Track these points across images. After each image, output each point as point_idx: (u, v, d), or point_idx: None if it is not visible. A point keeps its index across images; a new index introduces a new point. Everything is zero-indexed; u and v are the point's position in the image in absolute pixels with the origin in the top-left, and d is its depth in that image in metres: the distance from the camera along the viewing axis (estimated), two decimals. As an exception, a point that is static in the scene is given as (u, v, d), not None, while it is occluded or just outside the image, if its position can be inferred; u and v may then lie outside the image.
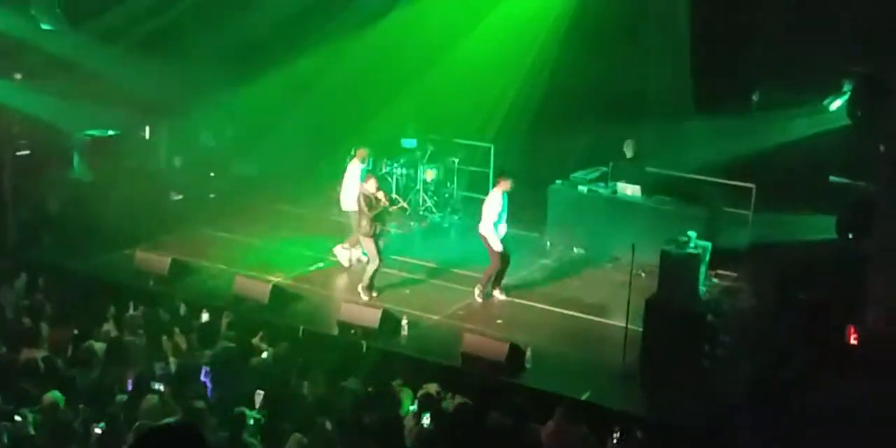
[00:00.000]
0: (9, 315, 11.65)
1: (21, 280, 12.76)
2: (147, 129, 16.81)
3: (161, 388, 9.71)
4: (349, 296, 12.85)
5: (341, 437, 9.05)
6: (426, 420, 9.50)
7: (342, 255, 13.91)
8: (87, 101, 15.24)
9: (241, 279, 12.91)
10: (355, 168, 13.80)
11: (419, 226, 15.68)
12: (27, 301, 12.07)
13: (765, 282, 12.61)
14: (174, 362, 10.55)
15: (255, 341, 11.20)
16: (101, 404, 9.24)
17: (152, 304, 12.08)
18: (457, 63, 15.84)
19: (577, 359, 11.43)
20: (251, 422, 9.13)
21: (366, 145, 14.07)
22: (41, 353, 10.37)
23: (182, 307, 12.13)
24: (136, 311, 11.90)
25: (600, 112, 15.10)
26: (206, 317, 11.82)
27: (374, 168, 14.95)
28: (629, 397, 10.79)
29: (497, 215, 12.50)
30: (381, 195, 12.72)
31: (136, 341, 10.92)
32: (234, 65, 16.13)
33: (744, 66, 14.59)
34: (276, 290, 12.67)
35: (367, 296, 12.77)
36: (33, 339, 10.69)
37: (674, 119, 14.70)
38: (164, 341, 10.97)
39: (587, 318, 12.45)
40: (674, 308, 10.98)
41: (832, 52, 12.92)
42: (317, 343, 11.62)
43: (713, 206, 13.72)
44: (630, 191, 14.00)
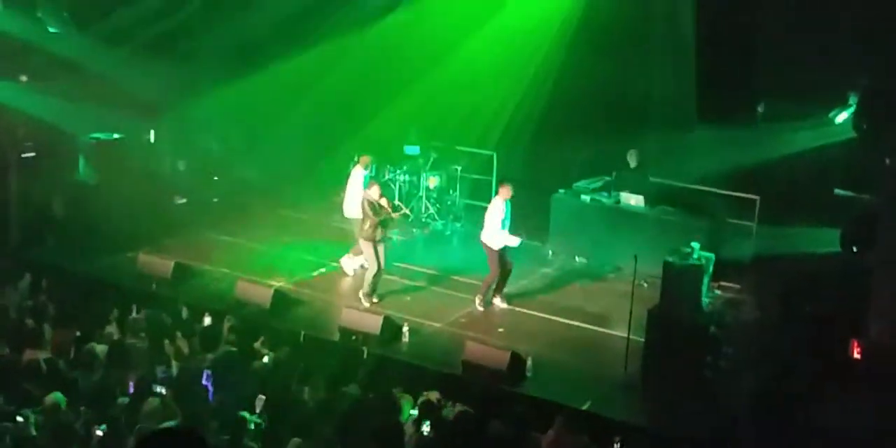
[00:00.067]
0: (12, 315, 11.63)
1: (25, 281, 12.75)
2: (152, 132, 16.84)
3: (163, 391, 9.69)
4: (351, 301, 12.82)
5: (341, 442, 9.03)
6: (426, 428, 9.47)
7: (348, 266, 13.89)
8: (92, 103, 15.27)
9: (244, 283, 12.92)
10: (359, 175, 13.79)
11: (421, 233, 15.68)
12: (31, 302, 12.07)
13: (768, 294, 12.58)
14: (176, 366, 10.54)
15: (257, 346, 11.19)
16: (102, 406, 9.22)
17: (155, 307, 12.06)
18: (459, 70, 15.87)
19: (578, 368, 11.39)
20: (252, 426, 9.12)
21: (369, 152, 14.08)
22: (44, 354, 10.36)
23: (184, 311, 12.13)
24: (138, 313, 11.88)
25: (604, 121, 15.11)
26: (208, 320, 11.80)
27: (378, 175, 14.96)
28: (630, 408, 10.75)
29: (500, 223, 12.50)
30: (384, 202, 12.71)
31: (139, 344, 10.91)
32: (236, 67, 16.16)
33: (749, 76, 14.60)
34: (278, 295, 12.67)
35: (368, 302, 12.76)
36: (36, 341, 10.68)
37: (678, 129, 14.71)
38: (166, 344, 10.95)
39: (589, 328, 12.42)
40: (676, 319, 10.96)
41: (839, 65, 12.93)
42: (318, 348, 11.61)
43: (717, 218, 13.69)
44: (633, 201, 13.97)
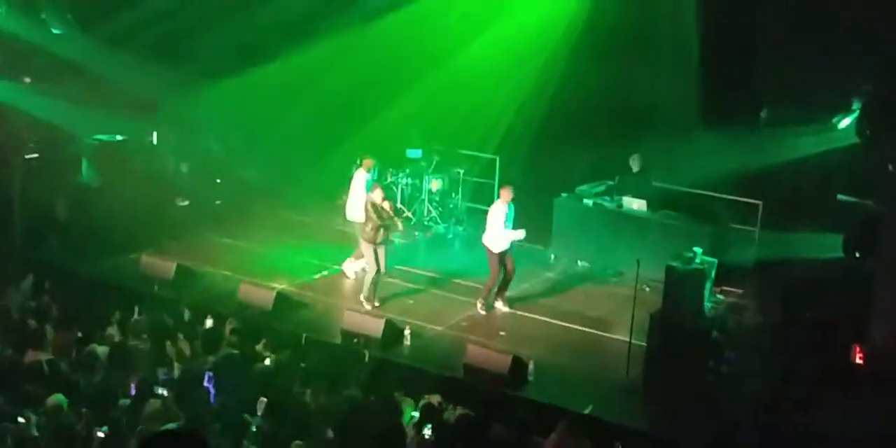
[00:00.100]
0: (14, 316, 11.63)
1: (28, 281, 12.76)
2: (154, 134, 16.86)
3: (164, 393, 9.68)
4: (352, 304, 12.83)
5: (342, 445, 9.02)
6: (427, 431, 9.46)
7: (349, 269, 13.90)
8: (95, 105, 15.29)
9: (246, 286, 12.92)
10: (361, 178, 13.79)
11: (423, 236, 15.70)
12: (33, 303, 12.07)
13: (771, 299, 12.55)
14: (178, 367, 10.53)
15: (259, 348, 11.18)
16: (104, 408, 9.20)
17: (157, 308, 12.06)
18: (461, 72, 15.88)
19: (580, 372, 11.40)
20: (253, 428, 9.11)
21: (370, 153, 14.09)
22: (46, 355, 10.35)
23: (186, 313, 12.12)
24: (140, 315, 11.89)
25: (607, 125, 15.11)
26: (209, 323, 11.80)
27: (380, 178, 14.96)
28: (632, 412, 10.73)
29: (503, 225, 12.50)
30: (387, 205, 12.72)
31: (140, 346, 10.91)
32: (236, 67, 16.17)
33: (753, 81, 14.58)
34: (280, 298, 12.68)
35: (370, 305, 12.76)
36: (38, 342, 10.67)
37: (681, 134, 14.69)
38: (167, 346, 10.94)
39: (591, 332, 12.43)
40: (678, 324, 10.96)
41: (843, 71, 12.92)
42: (319, 351, 11.60)
43: (720, 222, 13.70)
44: (636, 205, 13.98)
